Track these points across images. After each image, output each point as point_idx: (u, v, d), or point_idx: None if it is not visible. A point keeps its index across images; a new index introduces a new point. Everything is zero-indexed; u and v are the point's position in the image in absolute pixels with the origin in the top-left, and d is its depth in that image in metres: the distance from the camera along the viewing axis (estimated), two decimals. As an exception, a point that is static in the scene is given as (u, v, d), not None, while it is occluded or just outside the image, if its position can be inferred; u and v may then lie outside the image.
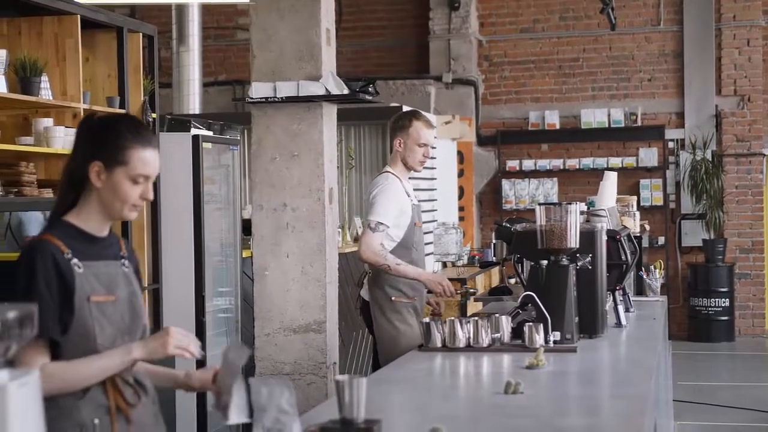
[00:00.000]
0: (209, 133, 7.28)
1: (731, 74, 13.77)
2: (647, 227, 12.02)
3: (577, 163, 13.93)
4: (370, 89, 6.03)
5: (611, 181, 6.45)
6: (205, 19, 12.97)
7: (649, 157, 13.79)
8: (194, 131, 7.03)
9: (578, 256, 4.82)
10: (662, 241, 13.69)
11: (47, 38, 6.19)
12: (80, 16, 6.28)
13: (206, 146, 7.13)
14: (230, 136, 7.63)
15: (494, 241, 6.04)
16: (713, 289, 13.36)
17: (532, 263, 4.84)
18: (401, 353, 4.90)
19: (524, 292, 4.75)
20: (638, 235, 7.04)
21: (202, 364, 5.25)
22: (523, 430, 3.19)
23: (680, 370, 10.13)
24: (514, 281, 7.28)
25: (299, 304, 5.81)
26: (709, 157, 13.53)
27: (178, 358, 3.10)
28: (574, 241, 4.71)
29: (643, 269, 7.05)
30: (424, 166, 5.93)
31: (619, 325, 5.37)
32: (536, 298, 4.61)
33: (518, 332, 4.60)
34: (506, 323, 4.63)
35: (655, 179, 13.82)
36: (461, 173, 13.46)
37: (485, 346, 4.53)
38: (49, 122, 6.08)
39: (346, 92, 5.74)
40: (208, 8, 13.72)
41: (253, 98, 5.78)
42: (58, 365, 2.95)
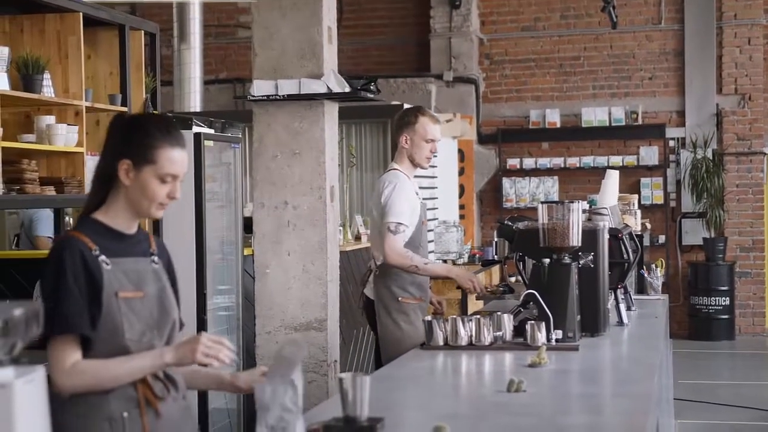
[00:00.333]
0: (210, 131, 7.26)
1: (732, 73, 13.76)
2: (648, 226, 12.03)
3: (577, 161, 13.93)
4: (371, 87, 6.03)
5: (613, 179, 6.44)
6: (206, 16, 12.96)
7: (649, 155, 13.79)
8: (195, 129, 7.01)
9: (580, 254, 4.81)
10: (663, 239, 13.69)
11: (49, 36, 6.19)
12: (82, 13, 6.28)
13: (207, 144, 7.11)
14: (232, 134, 7.61)
15: (496, 239, 6.02)
16: (713, 287, 13.36)
17: (534, 261, 4.84)
18: (404, 354, 4.88)
19: (526, 290, 4.75)
20: (639, 233, 7.04)
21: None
22: (526, 428, 3.19)
23: (680, 368, 10.12)
24: (514, 279, 7.28)
25: (300, 302, 5.82)
26: (709, 155, 13.52)
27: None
28: (576, 239, 4.71)
29: (644, 268, 7.05)
30: (430, 162, 5.83)
31: (620, 323, 5.37)
32: (538, 296, 4.61)
33: (520, 330, 4.60)
34: (508, 321, 4.63)
35: (655, 178, 13.82)
36: (462, 171, 13.45)
37: (487, 344, 4.53)
38: (51, 120, 6.08)
39: (347, 90, 5.73)
40: (209, 6, 13.72)
41: (254, 96, 5.78)
42: (91, 363, 2.99)
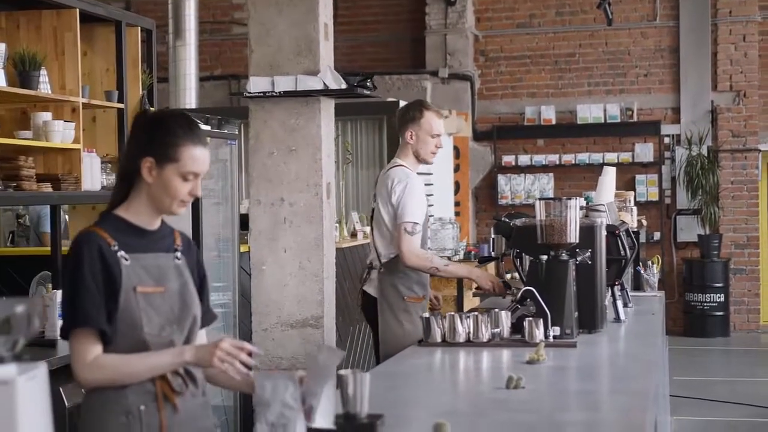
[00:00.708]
0: (207, 127, 7.23)
1: (727, 70, 13.77)
2: (644, 222, 12.03)
3: (572, 158, 13.93)
4: (368, 84, 6.02)
5: (610, 176, 6.44)
6: (200, 13, 12.94)
7: (644, 152, 13.79)
8: (192, 126, 6.99)
9: (578, 251, 4.81)
10: (658, 236, 13.71)
11: (46, 32, 6.17)
12: (79, 9, 6.27)
13: (204, 140, 7.09)
14: (228, 130, 7.59)
15: (493, 236, 6.01)
16: (708, 284, 13.38)
17: (531, 258, 4.85)
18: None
19: (524, 287, 4.76)
20: (636, 230, 7.04)
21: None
22: (526, 425, 3.19)
23: (675, 365, 10.12)
24: (510, 276, 7.28)
25: (297, 299, 5.81)
26: (704, 152, 13.53)
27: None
28: (573, 236, 4.72)
29: (640, 264, 7.05)
30: (434, 157, 5.77)
31: (617, 320, 5.37)
32: (536, 293, 4.61)
33: (518, 327, 4.60)
34: (506, 318, 4.63)
35: (650, 175, 13.82)
36: (457, 168, 13.46)
37: (485, 341, 4.54)
38: (47, 116, 6.07)
39: (344, 87, 5.73)
40: (203, 2, 13.69)
41: (251, 93, 5.77)
42: (111, 358, 3.02)
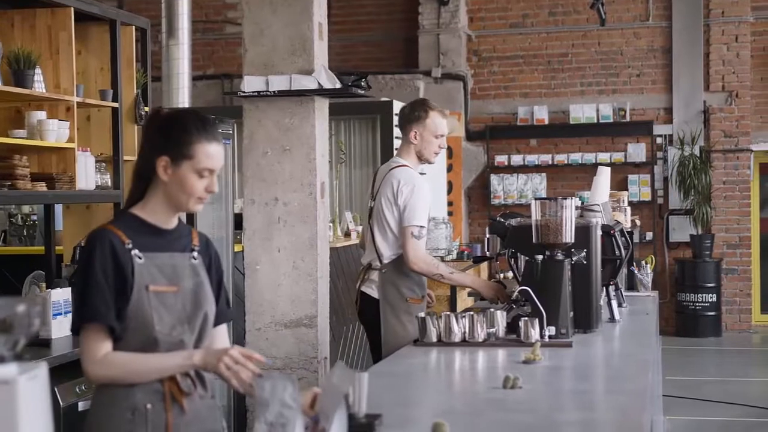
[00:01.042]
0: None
1: (719, 70, 13.80)
2: (638, 222, 12.05)
3: (565, 158, 13.94)
4: (362, 83, 6.02)
5: (605, 176, 6.44)
6: (193, 12, 12.91)
7: (637, 152, 13.81)
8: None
9: (573, 251, 4.82)
10: (650, 236, 13.72)
11: (40, 31, 6.15)
12: (73, 8, 6.25)
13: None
14: (222, 129, 7.60)
15: (488, 235, 6.01)
16: (700, 284, 13.39)
17: (527, 258, 4.85)
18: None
19: (519, 287, 4.76)
20: (630, 230, 7.05)
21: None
22: (523, 424, 3.19)
23: (668, 365, 10.14)
24: (502, 276, 7.28)
25: (290, 298, 5.82)
26: (697, 152, 13.55)
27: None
28: (569, 236, 4.72)
29: (634, 264, 7.06)
30: (437, 157, 5.71)
31: (612, 320, 5.38)
32: (531, 293, 4.61)
33: (513, 327, 4.61)
34: (501, 318, 4.64)
35: (643, 175, 13.84)
36: (450, 168, 13.46)
37: (480, 341, 4.54)
38: (42, 115, 6.05)
39: (338, 86, 5.73)
40: (196, 2, 13.66)
41: (245, 92, 5.77)
42: (121, 356, 3.03)
